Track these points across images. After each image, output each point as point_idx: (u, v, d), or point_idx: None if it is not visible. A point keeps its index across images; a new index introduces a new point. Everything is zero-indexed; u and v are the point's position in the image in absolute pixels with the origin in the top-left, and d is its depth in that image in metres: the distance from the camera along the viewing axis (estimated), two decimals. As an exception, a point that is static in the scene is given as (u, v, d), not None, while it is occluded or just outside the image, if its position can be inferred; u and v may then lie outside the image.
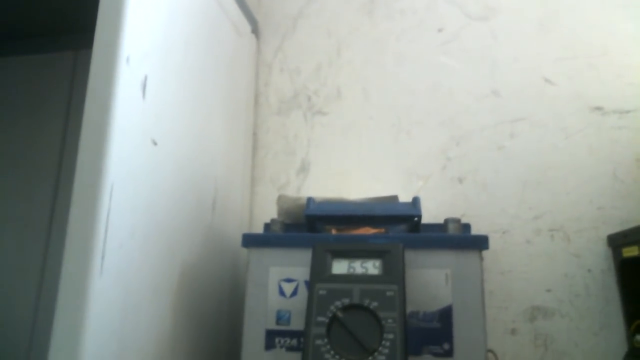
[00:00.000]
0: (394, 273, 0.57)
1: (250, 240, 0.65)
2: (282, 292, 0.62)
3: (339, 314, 0.55)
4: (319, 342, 0.53)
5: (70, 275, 0.47)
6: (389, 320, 0.54)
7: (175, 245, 0.66)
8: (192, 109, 0.74)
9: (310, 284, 0.57)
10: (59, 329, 0.46)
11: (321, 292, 0.56)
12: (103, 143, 0.52)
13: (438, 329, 0.59)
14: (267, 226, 0.72)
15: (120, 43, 0.55)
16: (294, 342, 0.60)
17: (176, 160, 0.67)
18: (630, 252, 0.74)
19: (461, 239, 0.63)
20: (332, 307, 0.55)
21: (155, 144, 0.61)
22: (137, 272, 0.56)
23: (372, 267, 0.59)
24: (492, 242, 0.84)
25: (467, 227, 0.73)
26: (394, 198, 0.79)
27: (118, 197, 0.52)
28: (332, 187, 0.96)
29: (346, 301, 0.55)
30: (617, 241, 0.80)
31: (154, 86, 0.62)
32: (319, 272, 0.58)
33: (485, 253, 0.63)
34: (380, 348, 0.52)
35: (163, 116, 0.64)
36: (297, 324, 0.60)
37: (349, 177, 0.97)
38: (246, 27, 1.01)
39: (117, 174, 0.53)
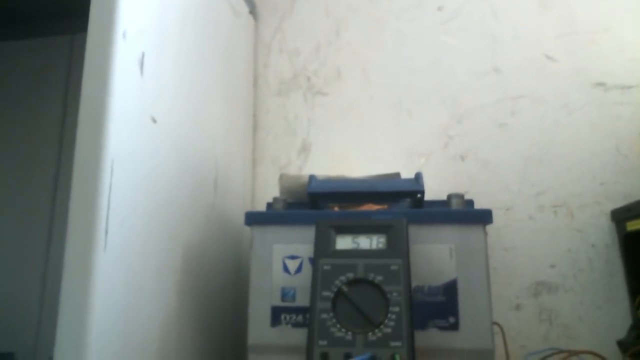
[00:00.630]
0: (398, 247, 0.57)
1: (253, 218, 0.65)
2: (286, 269, 0.62)
3: (344, 288, 0.54)
4: (324, 316, 0.53)
5: (75, 251, 0.46)
6: (394, 294, 0.53)
7: (177, 223, 0.65)
8: (191, 89, 0.73)
9: (314, 260, 0.57)
10: (65, 304, 0.46)
11: (326, 267, 0.56)
12: (102, 120, 0.51)
13: (443, 302, 0.59)
14: (269, 205, 0.72)
15: (116, 17, 0.54)
16: (300, 318, 0.60)
17: (176, 139, 0.67)
18: (634, 225, 0.74)
19: (465, 214, 0.63)
20: (337, 282, 0.55)
21: (154, 121, 0.61)
22: (140, 250, 0.56)
23: (376, 242, 0.58)
24: (495, 219, 0.84)
25: (470, 202, 0.72)
26: (397, 175, 0.78)
27: (119, 174, 0.52)
28: (333, 167, 0.96)
29: (351, 276, 0.55)
30: (621, 215, 0.80)
31: (151, 63, 0.61)
32: (323, 248, 0.58)
33: (488, 230, 0.63)
34: (386, 321, 0.52)
35: (162, 94, 0.64)
36: (302, 301, 0.60)
37: (350, 157, 0.96)
38: (244, 8, 1.00)
39: (117, 150, 0.52)
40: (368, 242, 0.58)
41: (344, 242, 0.59)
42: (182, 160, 0.68)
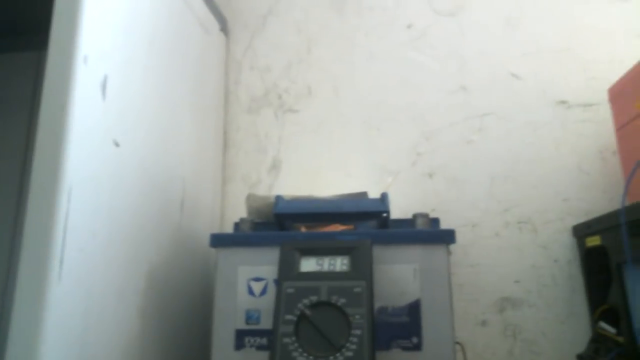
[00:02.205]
0: (362, 269, 0.58)
1: (218, 240, 0.65)
2: (251, 292, 0.62)
3: (307, 312, 0.55)
4: (287, 340, 0.53)
5: (26, 283, 0.45)
6: (357, 317, 0.54)
7: (141, 246, 0.65)
8: (158, 109, 0.73)
9: (278, 283, 0.57)
10: (15, 338, 0.45)
11: (289, 290, 0.56)
12: (60, 145, 0.51)
13: (407, 323, 0.60)
14: (236, 225, 0.72)
15: (77, 42, 0.54)
16: (264, 341, 0.60)
17: (140, 161, 0.66)
18: (593, 241, 0.76)
19: (428, 234, 0.64)
20: (300, 305, 0.55)
21: (117, 145, 0.60)
22: (100, 276, 0.55)
23: (340, 264, 0.59)
24: (462, 236, 0.86)
25: (435, 221, 0.74)
26: (364, 194, 0.79)
27: (77, 199, 0.51)
28: (304, 184, 0.96)
29: (314, 299, 0.55)
30: (581, 231, 0.82)
31: (115, 86, 0.61)
32: (287, 271, 0.58)
33: (455, 246, 0.64)
34: (347, 344, 0.52)
35: (126, 117, 0.63)
36: (267, 323, 0.60)
37: (321, 174, 0.97)
38: (214, 25, 1.00)
39: (76, 175, 0.52)
40: (332, 263, 0.59)
41: (308, 264, 0.59)
42: (146, 181, 0.67)
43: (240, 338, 0.60)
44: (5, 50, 1.11)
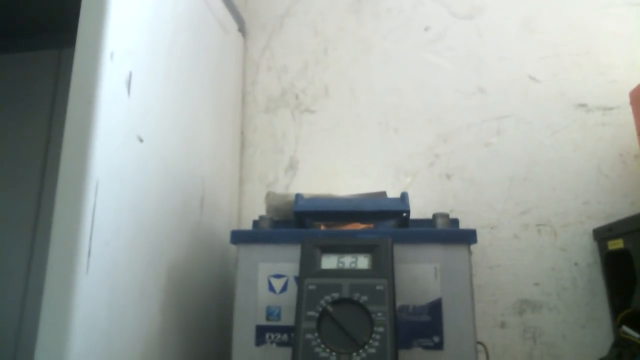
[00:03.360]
0: (384, 267, 0.57)
1: (239, 237, 0.65)
2: (271, 288, 0.62)
3: (329, 308, 0.54)
4: (309, 336, 0.53)
5: (56, 274, 0.46)
6: (379, 314, 0.54)
7: (162, 243, 0.65)
8: (179, 107, 0.73)
9: (299, 279, 0.57)
10: (45, 327, 0.45)
11: (311, 287, 0.56)
12: (87, 139, 0.51)
13: (428, 322, 0.59)
14: (255, 223, 0.72)
15: (104, 38, 0.54)
16: (285, 337, 0.60)
17: (163, 158, 0.67)
18: (615, 245, 0.75)
19: (449, 234, 0.63)
20: (322, 302, 0.55)
21: (141, 141, 0.61)
22: (124, 270, 0.55)
23: (361, 261, 0.59)
24: (480, 238, 0.86)
25: (455, 222, 0.73)
26: (383, 194, 0.79)
27: (103, 194, 0.52)
28: (320, 184, 0.96)
29: (336, 295, 0.55)
30: (602, 234, 0.81)
31: (139, 83, 0.61)
32: (308, 267, 0.58)
33: (474, 248, 0.64)
34: (370, 341, 0.52)
35: (149, 113, 0.64)
36: (287, 320, 0.60)
37: (337, 174, 0.97)
38: (233, 26, 1.01)
39: (102, 171, 0.52)
40: (353, 261, 0.59)
41: (329, 262, 0.59)
42: (168, 179, 0.68)
43: (261, 334, 0.60)
44: (25, 49, 1.13)
